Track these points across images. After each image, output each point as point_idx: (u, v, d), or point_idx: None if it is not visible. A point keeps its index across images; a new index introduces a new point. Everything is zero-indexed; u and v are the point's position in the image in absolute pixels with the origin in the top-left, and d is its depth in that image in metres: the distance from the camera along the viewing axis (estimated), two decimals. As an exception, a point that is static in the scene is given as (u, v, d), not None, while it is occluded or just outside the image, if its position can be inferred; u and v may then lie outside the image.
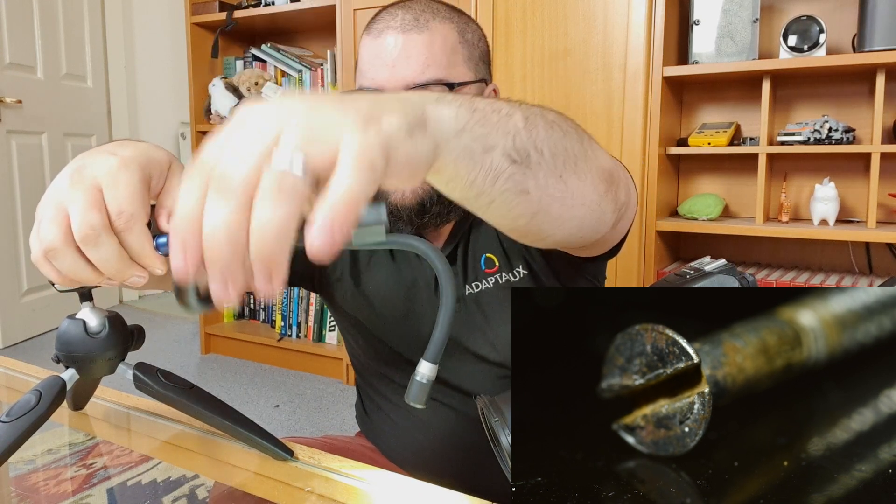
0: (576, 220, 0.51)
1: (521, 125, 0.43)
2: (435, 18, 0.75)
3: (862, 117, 1.83)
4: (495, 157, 0.40)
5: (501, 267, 0.81)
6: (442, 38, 0.74)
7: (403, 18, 0.74)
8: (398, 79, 0.73)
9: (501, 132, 0.41)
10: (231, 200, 0.30)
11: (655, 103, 1.78)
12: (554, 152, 0.45)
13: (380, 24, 0.75)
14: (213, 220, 0.31)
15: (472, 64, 0.78)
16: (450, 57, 0.74)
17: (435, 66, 0.73)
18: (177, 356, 2.75)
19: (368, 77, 0.75)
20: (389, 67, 0.73)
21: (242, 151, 0.31)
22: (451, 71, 0.74)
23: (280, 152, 0.31)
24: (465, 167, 0.40)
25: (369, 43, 0.75)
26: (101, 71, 3.32)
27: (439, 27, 0.74)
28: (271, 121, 0.32)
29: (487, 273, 0.81)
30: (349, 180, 0.30)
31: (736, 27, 1.75)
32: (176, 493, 0.51)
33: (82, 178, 0.43)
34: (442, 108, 0.38)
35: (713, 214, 1.86)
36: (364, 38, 0.77)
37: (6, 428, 0.48)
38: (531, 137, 0.43)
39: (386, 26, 0.74)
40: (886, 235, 1.64)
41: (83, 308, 0.53)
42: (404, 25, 0.73)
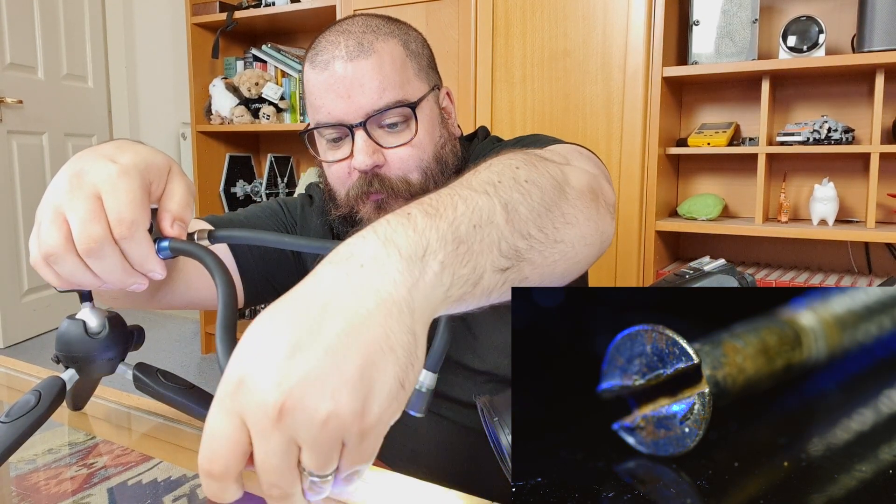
0: (585, 257, 0.50)
1: (503, 221, 0.40)
2: (378, 38, 0.74)
3: (861, 117, 1.83)
4: (485, 280, 0.38)
5: None
6: (390, 58, 0.73)
7: (347, 46, 0.72)
8: (356, 108, 0.72)
9: (486, 251, 0.38)
10: None
11: (655, 103, 1.78)
12: (540, 224, 0.43)
13: (324, 55, 0.73)
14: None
15: (423, 75, 0.77)
16: (402, 74, 0.74)
17: (390, 88, 0.72)
18: (177, 356, 2.75)
19: (324, 112, 0.73)
20: (345, 99, 0.72)
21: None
22: (406, 89, 0.74)
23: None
24: (459, 306, 0.38)
25: (317, 77, 0.73)
26: (102, 71, 3.33)
27: (384, 46, 0.73)
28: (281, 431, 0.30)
29: None
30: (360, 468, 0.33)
31: (735, 27, 1.75)
32: (177, 493, 0.51)
33: (81, 185, 0.43)
34: (430, 290, 0.34)
35: (712, 214, 1.86)
36: (309, 72, 0.75)
37: (6, 428, 0.48)
38: (515, 229, 0.40)
39: (331, 57, 0.73)
40: (885, 235, 1.64)
41: (83, 308, 0.53)
42: (350, 53, 0.72)
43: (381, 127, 0.74)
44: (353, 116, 0.72)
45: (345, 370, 0.30)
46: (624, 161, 1.81)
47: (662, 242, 1.92)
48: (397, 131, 0.74)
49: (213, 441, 0.30)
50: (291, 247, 0.50)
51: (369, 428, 0.30)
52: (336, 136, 0.75)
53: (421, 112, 0.75)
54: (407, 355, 0.32)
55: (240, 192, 2.77)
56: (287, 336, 0.30)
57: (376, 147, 0.73)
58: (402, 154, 0.74)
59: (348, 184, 0.76)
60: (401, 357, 0.31)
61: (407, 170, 0.75)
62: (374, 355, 0.30)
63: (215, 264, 0.44)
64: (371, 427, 0.30)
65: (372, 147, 0.73)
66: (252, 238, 0.51)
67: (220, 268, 0.44)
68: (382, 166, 0.74)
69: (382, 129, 0.74)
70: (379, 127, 0.74)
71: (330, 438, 0.30)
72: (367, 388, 0.30)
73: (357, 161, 0.73)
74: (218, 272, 0.43)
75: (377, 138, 0.74)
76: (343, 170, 0.75)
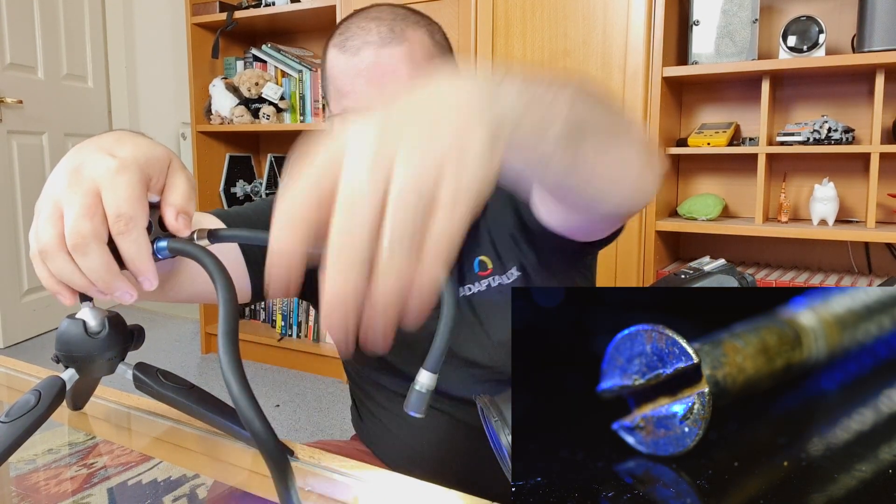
0: (628, 183, 0.51)
1: (570, 100, 0.42)
2: (408, 26, 0.74)
3: (861, 117, 1.83)
4: (552, 133, 0.40)
5: (495, 269, 0.81)
6: (420, 46, 0.73)
7: (379, 32, 0.72)
8: (386, 96, 0.72)
9: (557, 110, 0.41)
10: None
11: (655, 103, 1.78)
12: (603, 121, 0.46)
13: (355, 40, 0.73)
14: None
15: (447, 60, 0.78)
16: (430, 63, 0.74)
17: (419, 77, 0.72)
18: (177, 356, 2.75)
19: (353, 98, 0.73)
20: (376, 86, 0.71)
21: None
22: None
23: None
24: (526, 147, 0.39)
25: (346, 61, 0.73)
26: (102, 71, 3.33)
27: (414, 35, 0.73)
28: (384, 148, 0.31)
29: (480, 276, 0.81)
30: (452, 220, 0.31)
31: (735, 27, 1.75)
32: (177, 493, 0.51)
33: (80, 180, 0.42)
34: (507, 101, 0.37)
35: (713, 214, 1.86)
36: (336, 57, 0.74)
37: (6, 428, 0.48)
38: (580, 111, 0.43)
39: (363, 42, 0.72)
40: (885, 235, 1.64)
41: (83, 308, 0.53)
42: (382, 39, 0.72)
43: None
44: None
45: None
46: (624, 161, 1.81)
47: (662, 242, 1.92)
48: None
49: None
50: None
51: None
52: None
53: None
54: (491, 141, 0.34)
55: (240, 192, 2.77)
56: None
57: None
58: None
59: None
60: (486, 140, 0.33)
61: None
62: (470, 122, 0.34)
63: (215, 266, 0.44)
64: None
65: None
66: (252, 238, 0.51)
67: (220, 269, 0.44)
68: None
69: None
70: None
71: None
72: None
73: None
74: (218, 274, 0.43)
75: None
76: None
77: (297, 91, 2.58)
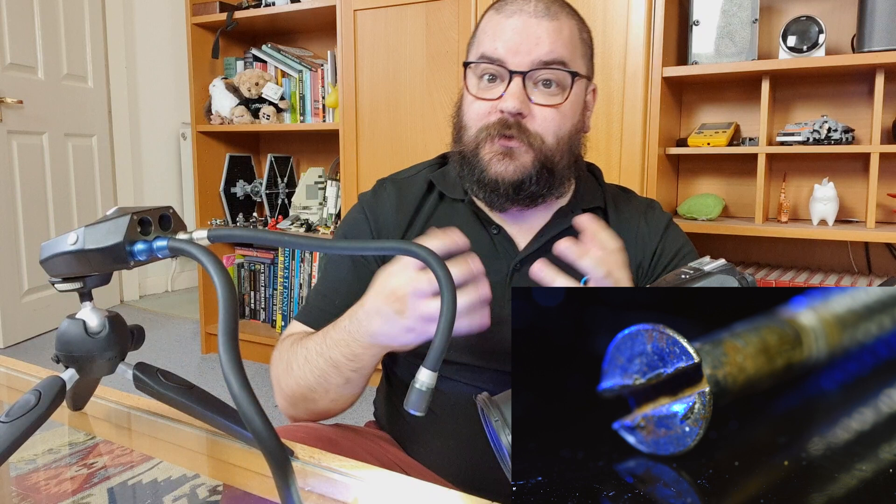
0: None
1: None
2: (563, 11, 0.81)
3: (861, 117, 1.83)
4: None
5: None
6: (569, 30, 0.80)
7: (536, 6, 0.79)
8: (523, 56, 0.77)
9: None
10: None
11: (655, 104, 1.78)
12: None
13: (513, 5, 0.80)
14: None
15: (586, 60, 0.84)
16: (573, 48, 0.80)
17: (560, 51, 0.78)
18: (177, 356, 2.75)
19: (493, 48, 0.79)
20: (518, 44, 0.77)
21: None
22: (573, 60, 0.80)
23: None
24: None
25: (499, 20, 0.79)
26: (102, 71, 3.33)
27: (567, 20, 0.80)
28: None
29: None
30: None
31: (735, 28, 1.75)
32: (177, 493, 0.51)
33: None
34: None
35: (713, 214, 1.86)
36: (492, 15, 0.81)
37: (6, 428, 0.48)
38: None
39: (520, 9, 0.79)
40: (885, 235, 1.64)
41: (83, 308, 0.53)
42: (537, 11, 0.78)
43: (536, 85, 0.79)
44: (518, 64, 0.77)
45: None
46: (624, 161, 1.81)
47: (662, 242, 1.91)
48: (550, 93, 0.79)
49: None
50: (292, 245, 0.50)
51: None
52: (492, 74, 0.80)
53: (577, 85, 0.81)
54: None
55: (240, 192, 2.77)
56: None
57: (526, 98, 0.78)
58: (546, 114, 0.79)
59: (485, 122, 0.80)
60: None
61: (546, 130, 0.79)
62: None
63: (215, 265, 0.44)
64: None
65: (523, 95, 0.78)
66: (252, 237, 0.51)
67: (220, 269, 0.44)
68: (525, 117, 0.78)
69: (537, 87, 0.79)
70: (535, 84, 0.79)
71: None
72: None
73: (506, 103, 0.77)
74: (218, 273, 0.43)
75: (529, 92, 0.78)
76: (485, 108, 0.80)
77: (297, 91, 2.58)
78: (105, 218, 0.47)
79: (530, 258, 0.82)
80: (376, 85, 2.14)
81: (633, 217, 0.89)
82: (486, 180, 0.80)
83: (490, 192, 0.81)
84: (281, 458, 0.38)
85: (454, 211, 0.87)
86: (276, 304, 2.73)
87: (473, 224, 0.86)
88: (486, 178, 0.80)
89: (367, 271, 0.86)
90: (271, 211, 2.75)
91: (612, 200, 0.90)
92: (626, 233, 0.85)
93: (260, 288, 2.78)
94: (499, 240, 0.85)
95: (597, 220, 0.67)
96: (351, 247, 0.56)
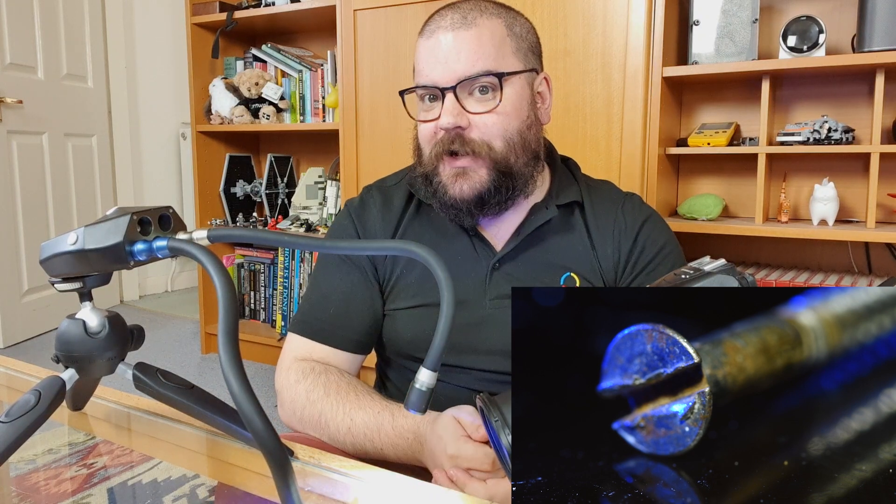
0: None
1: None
2: (482, 15, 0.81)
3: (861, 117, 1.83)
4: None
5: None
6: (490, 32, 0.80)
7: (452, 18, 0.80)
8: (449, 73, 0.79)
9: None
10: None
11: (655, 103, 1.78)
12: None
13: (431, 25, 0.82)
14: None
15: (520, 55, 0.83)
16: (498, 49, 0.80)
17: (484, 58, 0.79)
18: (177, 356, 2.75)
19: (424, 75, 0.81)
20: (442, 64, 0.79)
21: None
22: (499, 62, 0.80)
23: None
24: None
25: (423, 44, 0.82)
26: (102, 71, 3.32)
27: (486, 23, 0.80)
28: None
29: None
30: None
31: (735, 27, 1.75)
32: (176, 493, 0.51)
33: None
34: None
35: (713, 214, 1.86)
36: (419, 41, 0.84)
37: (6, 428, 0.48)
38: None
39: (437, 27, 0.81)
40: (886, 235, 1.64)
41: (83, 308, 0.53)
42: (453, 24, 0.80)
43: (472, 94, 0.80)
44: (446, 81, 0.79)
45: None
46: (624, 161, 1.81)
47: (662, 242, 1.91)
48: (485, 99, 0.80)
49: None
50: (292, 245, 0.51)
51: None
52: (429, 97, 0.83)
53: (510, 86, 0.81)
54: None
55: (240, 192, 2.77)
56: None
57: (461, 110, 0.80)
58: (486, 120, 0.80)
59: (433, 141, 0.82)
60: None
61: (490, 136, 0.80)
62: None
63: (214, 265, 0.44)
64: None
65: (458, 109, 0.79)
66: (252, 237, 0.51)
67: (220, 268, 0.44)
68: (466, 129, 0.80)
69: (472, 96, 0.80)
70: (469, 94, 0.80)
71: None
72: None
73: (442, 120, 0.80)
74: (217, 273, 0.43)
75: (465, 103, 0.80)
76: (430, 129, 0.82)
77: (297, 91, 2.58)
78: (105, 218, 0.47)
79: (508, 256, 0.86)
80: (376, 85, 2.14)
81: (609, 210, 0.89)
82: (449, 202, 0.82)
83: (455, 213, 0.83)
84: (281, 458, 0.38)
85: (434, 217, 0.89)
86: (276, 304, 2.73)
87: (452, 228, 0.88)
88: (448, 201, 0.82)
89: (358, 277, 0.87)
90: (271, 211, 2.75)
91: (588, 194, 0.90)
92: (602, 226, 0.87)
93: (260, 288, 2.78)
94: (477, 242, 0.87)
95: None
96: (351, 247, 0.56)
